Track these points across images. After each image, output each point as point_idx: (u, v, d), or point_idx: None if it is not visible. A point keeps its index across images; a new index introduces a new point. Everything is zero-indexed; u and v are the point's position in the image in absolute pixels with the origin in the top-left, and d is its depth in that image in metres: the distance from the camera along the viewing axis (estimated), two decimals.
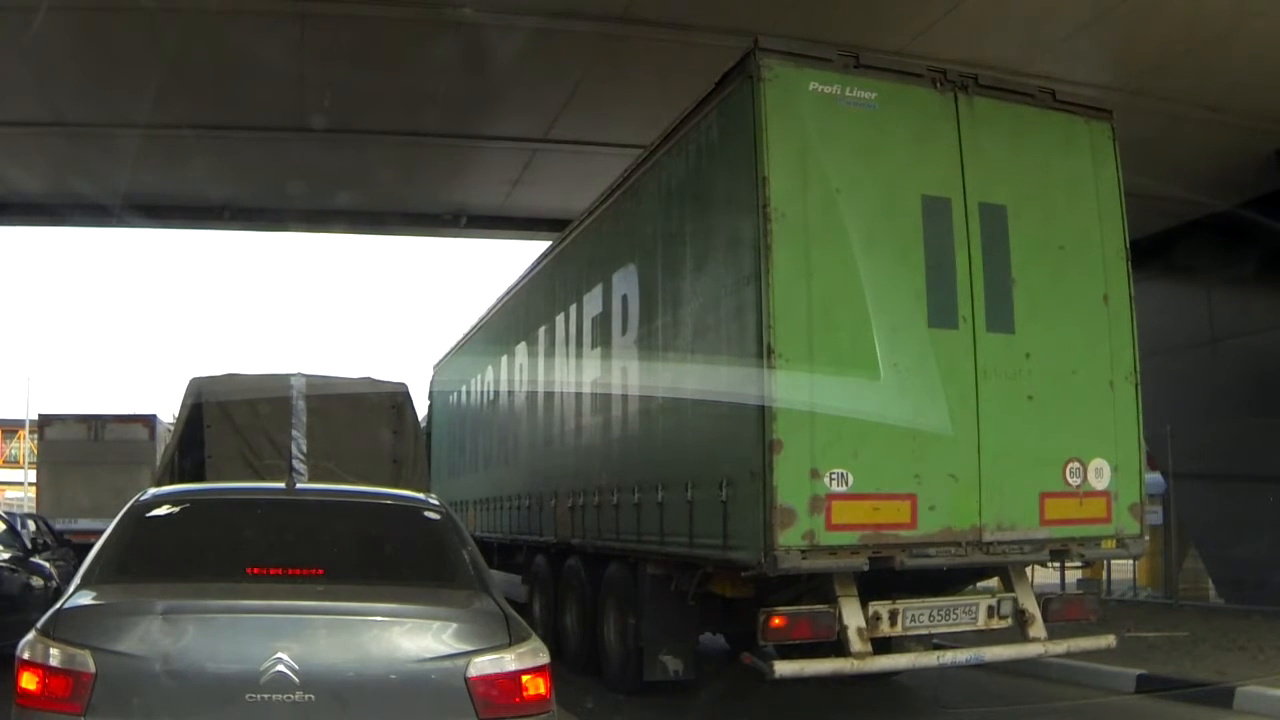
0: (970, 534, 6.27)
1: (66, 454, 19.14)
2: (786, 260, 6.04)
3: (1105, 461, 6.64)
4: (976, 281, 6.48)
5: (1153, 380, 14.55)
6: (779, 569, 5.88)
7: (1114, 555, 7.49)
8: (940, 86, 6.65)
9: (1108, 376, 6.76)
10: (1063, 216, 6.86)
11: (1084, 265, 6.84)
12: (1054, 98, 6.99)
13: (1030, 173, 6.85)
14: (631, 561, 8.01)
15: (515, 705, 3.66)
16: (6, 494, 40.31)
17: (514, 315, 11.77)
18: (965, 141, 6.61)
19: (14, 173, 11.50)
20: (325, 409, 8.63)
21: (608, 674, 8.28)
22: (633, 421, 8.10)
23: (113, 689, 3.40)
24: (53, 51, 8.64)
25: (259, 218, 13.88)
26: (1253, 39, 8.60)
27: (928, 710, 8.08)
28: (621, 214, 8.55)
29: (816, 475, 5.92)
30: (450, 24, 8.51)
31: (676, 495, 7.11)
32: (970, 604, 6.63)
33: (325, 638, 3.57)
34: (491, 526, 12.19)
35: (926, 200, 6.47)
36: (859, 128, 6.38)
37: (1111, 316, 6.83)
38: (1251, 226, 11.22)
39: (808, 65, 6.32)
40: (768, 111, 6.14)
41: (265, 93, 9.87)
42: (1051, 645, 6.69)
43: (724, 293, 6.59)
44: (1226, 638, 9.77)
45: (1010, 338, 6.51)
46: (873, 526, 6.05)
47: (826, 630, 6.12)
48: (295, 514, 4.63)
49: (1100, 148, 7.05)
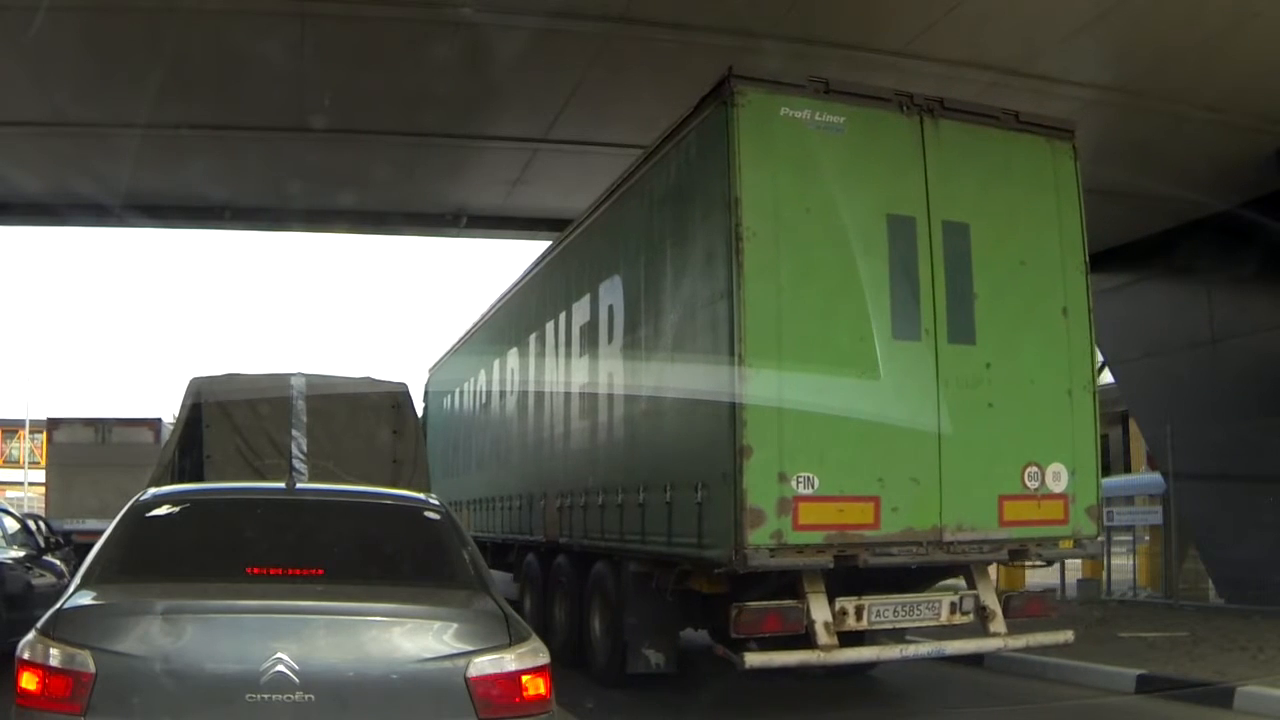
0: (931, 534, 6.64)
1: (74, 457, 19.71)
2: (757, 277, 6.43)
3: (1063, 466, 6.99)
4: (939, 295, 6.85)
5: (1153, 380, 14.68)
6: (748, 566, 6.27)
7: (1071, 555, 7.93)
8: (907, 110, 7.01)
9: (1066, 385, 7.09)
10: (1024, 233, 7.20)
11: (1044, 279, 7.17)
12: (1017, 119, 7.29)
13: (993, 191, 7.18)
14: (616, 560, 8.32)
15: (515, 705, 3.66)
16: (7, 494, 40.27)
17: (507, 321, 12.18)
18: (930, 163, 6.96)
19: (14, 173, 11.49)
20: (325, 409, 8.63)
21: (594, 667, 8.56)
22: (617, 426, 8.46)
23: (113, 689, 3.40)
24: (53, 51, 8.63)
25: (259, 218, 13.86)
26: (1253, 39, 8.59)
27: (928, 710, 8.08)
28: (608, 226, 8.90)
29: (784, 479, 6.31)
30: (450, 24, 8.51)
31: (656, 497, 7.46)
32: (934, 600, 6.99)
33: (325, 638, 3.57)
34: (484, 526, 12.44)
35: (892, 219, 6.85)
36: (828, 151, 6.73)
37: (1070, 328, 7.16)
38: (1251, 226, 11.22)
39: (779, 92, 6.68)
40: (741, 136, 6.51)
41: (265, 93, 9.86)
42: (1011, 640, 7.02)
43: (700, 306, 6.96)
44: (1226, 638, 9.77)
45: (971, 349, 6.88)
46: (838, 527, 6.44)
47: (795, 624, 6.48)
48: (295, 514, 4.63)
49: (1062, 166, 7.35)
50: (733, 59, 8.55)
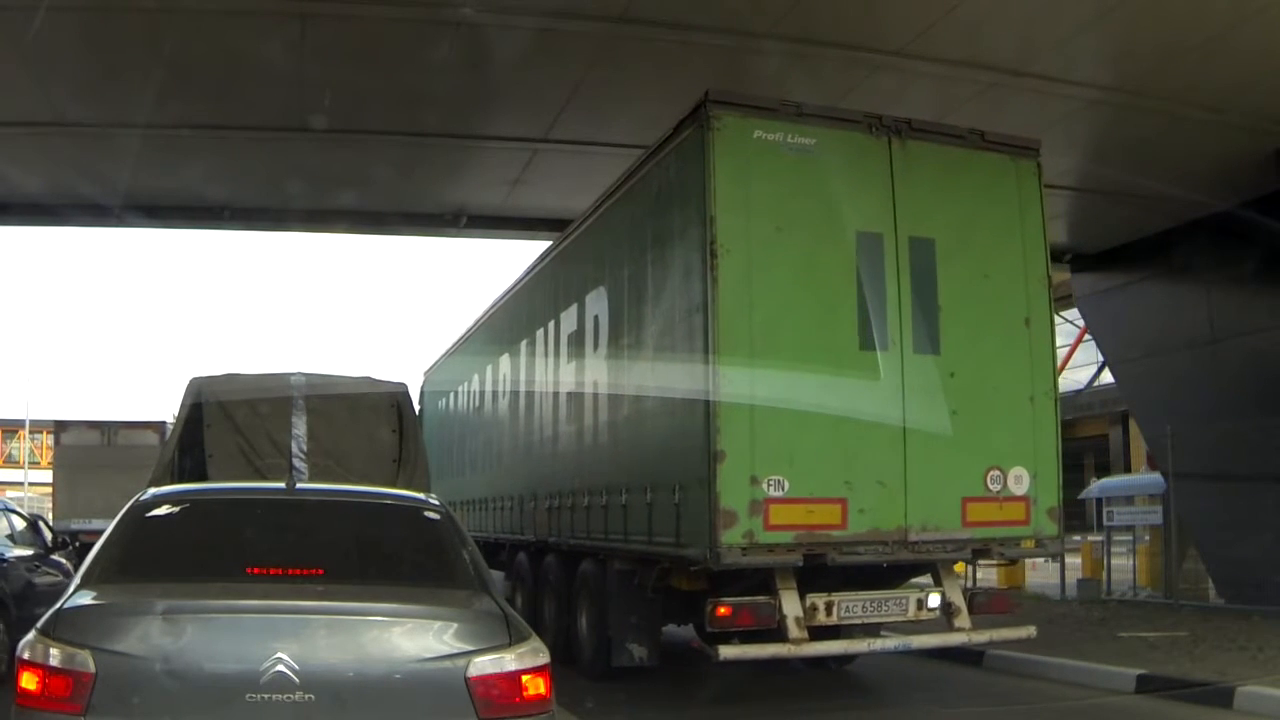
0: (896, 534, 7.03)
1: (81, 458, 20.16)
2: (731, 292, 6.80)
3: (1024, 469, 7.36)
4: (905, 308, 7.21)
5: (1153, 380, 14.70)
6: (722, 564, 6.66)
7: (1033, 554, 8.32)
8: (875, 131, 7.35)
9: (1028, 392, 7.45)
10: (989, 247, 7.56)
11: (1007, 292, 7.53)
12: (983, 138, 7.63)
13: (959, 208, 7.54)
14: (601, 558, 8.66)
15: (515, 705, 3.66)
16: (7, 494, 40.26)
17: (499, 327, 12.62)
18: (897, 181, 7.31)
19: (14, 173, 11.47)
20: (325, 408, 8.62)
21: (581, 662, 8.83)
22: (601, 431, 8.85)
23: (113, 689, 3.40)
24: (53, 51, 8.62)
25: (259, 218, 13.84)
26: (1253, 39, 8.59)
27: (928, 710, 8.08)
28: (595, 239, 9.28)
29: (756, 482, 6.70)
30: (450, 24, 8.50)
31: (638, 498, 7.83)
32: (901, 597, 7.37)
33: (325, 638, 3.57)
34: (477, 526, 12.71)
35: (860, 235, 7.21)
36: (799, 171, 7.10)
37: (1033, 338, 7.53)
38: (1251, 226, 11.21)
39: (753, 115, 7.05)
40: (716, 157, 6.87)
41: (265, 93, 9.85)
42: (975, 634, 7.40)
43: (678, 318, 7.33)
44: (1226, 638, 9.77)
45: (936, 358, 7.24)
46: (806, 527, 6.82)
47: (768, 618, 6.83)
48: (295, 514, 4.63)
49: (1026, 183, 7.70)
50: (733, 59, 8.59)
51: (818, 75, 9.06)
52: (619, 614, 8.21)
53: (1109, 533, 16.02)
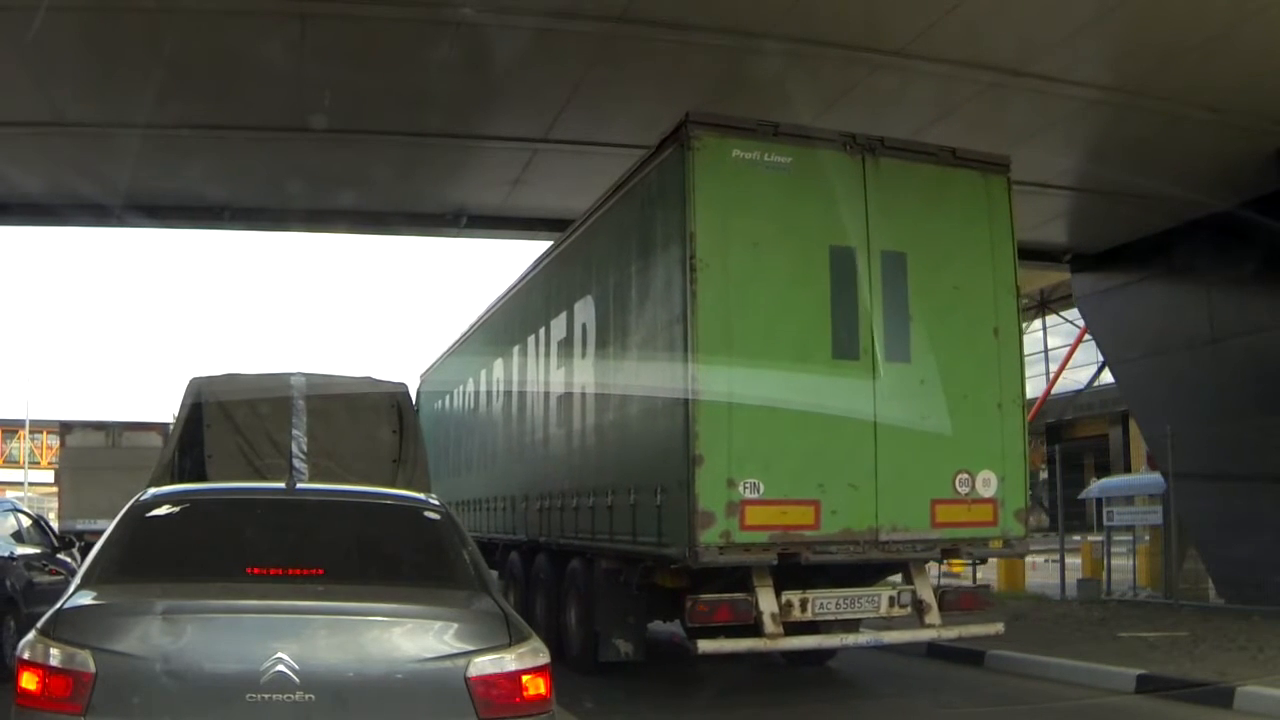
0: (867, 534, 7.34)
1: (86, 460, 20.53)
2: (709, 305, 7.11)
3: (992, 473, 7.65)
4: (877, 319, 7.51)
5: (1153, 380, 14.68)
6: (700, 563, 6.99)
7: (1000, 554, 8.71)
8: (849, 149, 7.64)
9: (996, 399, 7.74)
10: (958, 260, 7.85)
11: (977, 302, 7.83)
12: (954, 155, 7.91)
13: (930, 223, 7.82)
14: (589, 557, 8.97)
15: (515, 705, 3.66)
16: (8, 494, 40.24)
17: (493, 332, 12.95)
18: (871, 197, 7.59)
19: (14, 173, 11.47)
20: (325, 408, 8.63)
21: (570, 657, 9.00)
22: (589, 434, 9.16)
23: (113, 689, 3.40)
24: (53, 51, 8.62)
25: (259, 218, 13.83)
26: (1253, 39, 8.59)
27: (928, 710, 8.09)
28: (583, 250, 9.58)
29: (733, 484, 7.01)
30: (450, 24, 8.50)
31: (623, 499, 8.14)
32: (873, 594, 7.65)
33: (325, 638, 3.57)
34: (471, 526, 12.89)
35: (834, 250, 7.49)
36: (775, 188, 7.41)
37: (1001, 347, 7.84)
38: (1251, 226, 11.22)
39: (732, 135, 7.37)
40: (696, 176, 7.18)
41: (265, 93, 9.84)
42: (944, 630, 7.72)
43: (660, 327, 7.66)
44: (1226, 638, 9.77)
45: (907, 366, 7.55)
46: (781, 527, 7.13)
47: (745, 614, 7.13)
48: (295, 514, 4.63)
49: (995, 198, 7.98)
50: (733, 59, 8.59)
51: (817, 75, 9.07)
52: (605, 611, 8.49)
53: (1109, 533, 16.00)
